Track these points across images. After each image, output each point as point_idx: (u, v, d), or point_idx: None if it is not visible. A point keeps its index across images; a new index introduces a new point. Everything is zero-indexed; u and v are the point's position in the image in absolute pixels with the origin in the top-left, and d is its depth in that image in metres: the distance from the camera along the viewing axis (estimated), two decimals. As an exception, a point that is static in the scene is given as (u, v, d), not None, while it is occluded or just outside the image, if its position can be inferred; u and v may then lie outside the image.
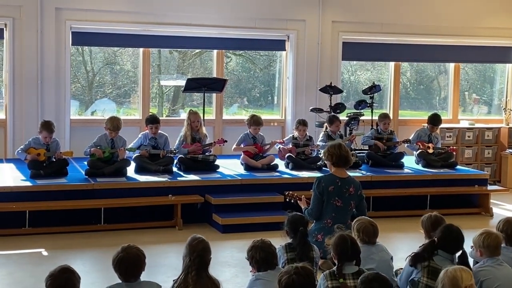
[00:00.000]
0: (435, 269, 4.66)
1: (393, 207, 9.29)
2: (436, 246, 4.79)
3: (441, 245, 4.80)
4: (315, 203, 6.61)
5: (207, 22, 11.27)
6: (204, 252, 4.40)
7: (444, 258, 4.78)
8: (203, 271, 4.35)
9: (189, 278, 4.30)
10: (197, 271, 4.32)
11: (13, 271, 6.53)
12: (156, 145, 9.29)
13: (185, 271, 4.36)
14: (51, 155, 8.69)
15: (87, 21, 10.73)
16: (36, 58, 10.45)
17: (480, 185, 9.86)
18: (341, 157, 6.61)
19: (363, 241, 5.31)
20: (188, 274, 4.32)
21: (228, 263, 6.89)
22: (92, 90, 12.03)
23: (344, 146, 6.76)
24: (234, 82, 12.70)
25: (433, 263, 4.73)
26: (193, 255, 4.35)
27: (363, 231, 5.32)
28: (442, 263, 4.71)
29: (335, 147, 6.65)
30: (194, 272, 4.31)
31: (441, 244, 4.80)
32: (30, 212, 7.94)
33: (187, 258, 4.37)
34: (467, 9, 12.60)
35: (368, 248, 5.27)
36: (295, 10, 11.73)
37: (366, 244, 5.28)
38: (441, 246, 4.80)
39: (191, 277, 4.29)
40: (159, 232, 8.15)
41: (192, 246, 4.40)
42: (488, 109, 14.11)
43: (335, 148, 6.63)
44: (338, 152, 6.60)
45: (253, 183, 8.97)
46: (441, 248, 4.80)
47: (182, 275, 4.37)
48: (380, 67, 13.48)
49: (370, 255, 5.23)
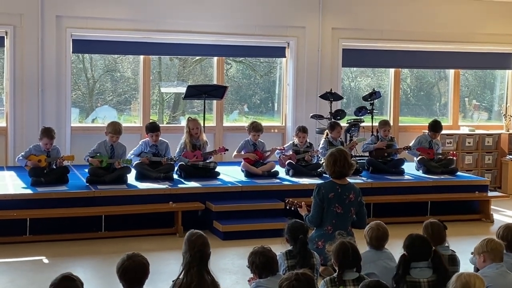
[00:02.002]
0: (413, 282, 4.68)
1: (394, 213, 9.29)
2: (408, 260, 4.76)
3: (412, 257, 4.76)
4: (315, 210, 6.61)
5: (208, 29, 11.29)
6: (204, 247, 4.41)
7: (420, 267, 4.74)
8: (204, 266, 4.35)
9: (192, 273, 4.29)
10: (198, 266, 4.32)
11: (14, 278, 6.52)
12: (157, 152, 9.30)
13: (186, 267, 4.35)
14: (52, 160, 8.70)
15: (87, 29, 10.77)
16: (36, 65, 10.48)
17: (480, 191, 9.85)
18: (336, 173, 6.58)
19: (370, 244, 5.35)
20: (190, 270, 4.31)
21: (228, 270, 6.89)
22: (93, 97, 12.05)
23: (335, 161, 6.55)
24: (235, 89, 12.72)
25: (410, 277, 4.70)
26: (194, 250, 4.35)
27: (370, 234, 5.35)
28: (421, 273, 4.70)
29: (328, 161, 6.55)
30: (195, 268, 4.31)
31: (411, 256, 4.77)
32: (31, 219, 7.94)
33: (187, 254, 4.36)
34: (467, 16, 12.62)
35: (375, 253, 5.30)
36: (295, 17, 11.76)
37: (373, 249, 5.32)
38: (412, 258, 4.76)
39: (193, 273, 4.29)
40: (160, 240, 8.16)
41: (192, 241, 4.40)
42: (488, 115, 14.11)
43: (329, 163, 6.55)
44: (331, 168, 6.55)
45: (253, 190, 8.97)
46: (413, 260, 4.75)
47: (183, 271, 4.36)
48: (380, 73, 13.50)
49: (376, 260, 5.23)
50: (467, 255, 5.44)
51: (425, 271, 4.68)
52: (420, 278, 4.66)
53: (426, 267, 4.71)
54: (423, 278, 4.68)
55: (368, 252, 5.36)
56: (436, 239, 5.29)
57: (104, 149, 8.92)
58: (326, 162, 6.64)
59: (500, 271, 4.81)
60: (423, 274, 4.67)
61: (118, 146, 8.99)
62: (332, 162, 6.52)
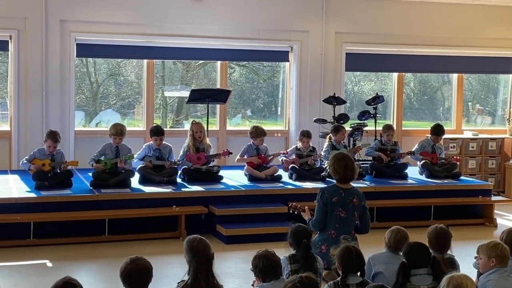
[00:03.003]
0: None
1: (397, 217, 9.24)
2: (407, 267, 4.74)
3: (411, 265, 4.75)
4: (319, 214, 6.61)
5: (211, 33, 11.31)
6: (207, 250, 4.45)
7: (420, 274, 4.73)
8: (210, 269, 4.38)
9: (199, 279, 4.31)
10: (206, 270, 4.35)
11: (18, 282, 6.53)
12: (161, 156, 9.31)
13: (194, 274, 4.36)
14: (56, 165, 8.71)
15: (91, 33, 10.79)
16: (40, 69, 10.51)
17: (484, 195, 9.85)
18: (344, 176, 6.58)
19: (387, 246, 5.44)
20: (198, 275, 4.33)
21: (232, 274, 6.89)
22: (97, 101, 12.07)
23: (349, 165, 6.57)
24: (238, 93, 12.73)
25: (410, 285, 4.69)
26: (199, 256, 4.37)
27: (389, 236, 5.44)
28: (422, 280, 4.68)
29: (339, 165, 6.55)
30: (203, 273, 4.33)
31: (411, 263, 4.75)
32: (34, 223, 7.95)
33: (193, 261, 4.38)
34: (470, 20, 12.62)
35: (390, 255, 5.36)
36: (299, 21, 11.77)
37: (390, 251, 5.39)
38: (411, 266, 4.74)
39: (201, 278, 4.31)
40: (163, 243, 8.16)
41: (195, 248, 4.43)
42: (492, 119, 14.10)
43: (341, 168, 6.55)
44: (342, 172, 6.55)
45: (257, 194, 8.98)
46: (412, 268, 4.73)
47: (190, 279, 4.36)
48: (384, 77, 13.50)
49: (388, 263, 5.26)
50: (470, 260, 5.43)
51: (426, 278, 4.68)
52: (420, 285, 4.66)
53: (426, 274, 4.71)
54: (423, 285, 4.67)
55: (383, 253, 5.45)
56: (442, 245, 5.29)
57: (109, 151, 8.94)
58: (336, 166, 6.57)
59: (504, 275, 4.83)
60: (423, 281, 4.67)
61: (123, 147, 9.02)
62: (343, 166, 6.52)
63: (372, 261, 5.35)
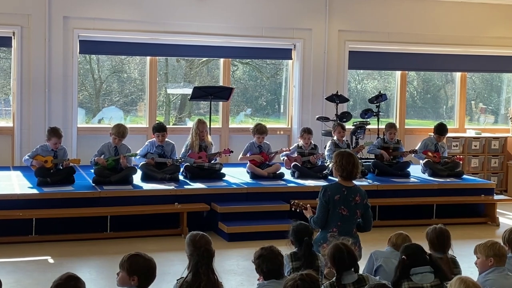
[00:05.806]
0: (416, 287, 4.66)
1: (399, 216, 9.27)
2: (407, 265, 4.70)
3: (411, 264, 4.72)
4: (320, 211, 6.60)
5: (214, 31, 11.32)
6: (209, 246, 4.49)
7: (422, 273, 4.69)
8: (210, 265, 4.39)
9: (200, 273, 4.32)
10: (206, 265, 4.35)
11: (20, 278, 6.54)
12: (163, 153, 9.31)
13: (194, 268, 4.36)
14: (59, 162, 8.72)
15: (94, 30, 10.80)
16: (43, 66, 10.51)
17: (486, 194, 9.84)
18: (351, 174, 6.56)
19: (390, 244, 5.52)
20: (198, 270, 4.34)
21: (234, 271, 6.89)
22: (99, 98, 12.07)
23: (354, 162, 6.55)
24: (241, 91, 12.73)
25: (412, 283, 4.65)
26: (200, 250, 4.39)
27: (394, 238, 5.54)
28: (424, 278, 4.66)
29: (348, 162, 6.51)
30: (204, 267, 4.34)
31: (411, 262, 4.72)
32: (36, 219, 7.96)
33: (194, 254, 4.39)
34: (473, 19, 12.60)
35: (392, 251, 5.42)
36: (302, 19, 11.77)
37: (392, 248, 5.45)
38: (411, 265, 4.71)
39: (201, 272, 4.32)
40: (165, 240, 8.17)
41: (196, 242, 4.49)
42: (495, 118, 14.08)
43: (348, 164, 6.52)
44: (350, 168, 6.53)
45: (259, 192, 8.98)
46: (412, 266, 4.71)
47: (190, 274, 4.37)
48: (387, 76, 13.49)
49: (390, 257, 5.28)
50: (472, 258, 5.41)
51: (428, 276, 4.66)
52: (423, 283, 4.64)
53: (428, 272, 4.69)
54: (426, 283, 4.66)
55: (387, 248, 5.53)
56: (443, 245, 5.29)
57: (108, 150, 8.94)
58: (344, 162, 6.51)
59: (503, 274, 4.84)
60: (426, 279, 4.65)
61: (122, 147, 9.01)
62: (352, 163, 6.49)
63: (374, 255, 5.38)
